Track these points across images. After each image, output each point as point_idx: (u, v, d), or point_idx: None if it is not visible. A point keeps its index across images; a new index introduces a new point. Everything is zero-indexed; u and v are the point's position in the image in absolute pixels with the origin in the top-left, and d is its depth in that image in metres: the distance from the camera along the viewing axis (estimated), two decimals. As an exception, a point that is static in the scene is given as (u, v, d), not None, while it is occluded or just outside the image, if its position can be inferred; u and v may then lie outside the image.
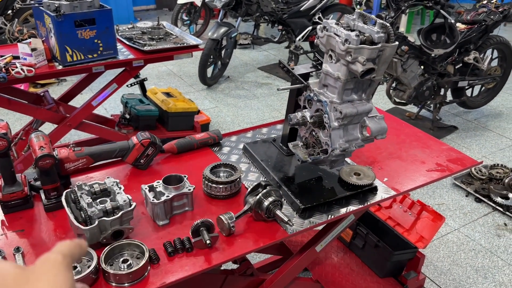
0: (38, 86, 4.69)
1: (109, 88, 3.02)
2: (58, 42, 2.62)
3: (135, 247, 1.30)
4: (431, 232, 2.35)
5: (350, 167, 1.71)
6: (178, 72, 5.46)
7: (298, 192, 1.61)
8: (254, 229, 1.46)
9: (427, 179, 1.77)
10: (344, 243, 2.48)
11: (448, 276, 2.55)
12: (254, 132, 2.09)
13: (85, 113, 3.04)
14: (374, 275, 2.31)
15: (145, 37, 3.23)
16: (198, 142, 1.91)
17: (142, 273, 1.24)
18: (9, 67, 2.53)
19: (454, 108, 4.61)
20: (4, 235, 1.39)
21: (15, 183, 1.45)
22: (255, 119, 4.34)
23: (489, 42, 4.00)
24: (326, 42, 1.33)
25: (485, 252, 2.73)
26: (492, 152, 3.85)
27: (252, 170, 1.79)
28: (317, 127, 1.51)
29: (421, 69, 3.71)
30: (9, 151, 1.39)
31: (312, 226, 1.50)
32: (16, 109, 2.85)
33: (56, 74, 3.04)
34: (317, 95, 1.46)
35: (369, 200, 1.64)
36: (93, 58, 2.77)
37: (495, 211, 3.09)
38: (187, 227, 1.43)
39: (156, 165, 1.79)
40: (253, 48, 6.39)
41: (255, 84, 5.21)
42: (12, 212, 1.46)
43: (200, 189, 1.63)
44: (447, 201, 3.19)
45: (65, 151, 1.56)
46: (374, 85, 1.42)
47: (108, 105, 4.41)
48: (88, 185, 1.40)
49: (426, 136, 2.08)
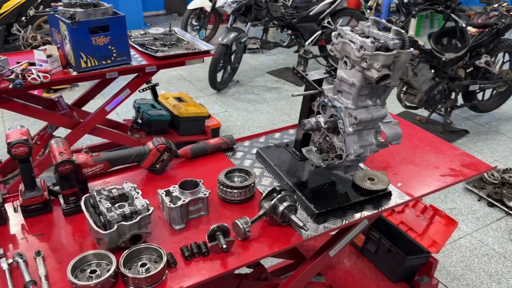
0: (51, 91, 4.75)
1: (122, 94, 3.06)
2: (72, 49, 2.66)
3: (153, 251, 1.32)
4: (444, 236, 2.34)
5: (364, 172, 1.72)
6: (188, 77, 5.50)
7: (312, 197, 1.62)
8: (269, 234, 1.48)
9: (441, 184, 1.77)
10: (356, 248, 2.48)
11: (461, 281, 2.53)
12: (266, 137, 2.11)
13: (98, 118, 3.08)
14: (386, 280, 2.30)
15: (157, 43, 3.27)
16: (212, 147, 1.93)
17: (160, 277, 1.26)
18: (25, 73, 2.58)
19: (465, 112, 4.58)
20: (25, 239, 1.41)
21: (35, 188, 1.48)
22: (265, 123, 4.36)
23: (501, 45, 3.98)
24: (341, 49, 1.35)
25: (499, 257, 2.71)
26: (505, 156, 3.82)
27: (265, 175, 1.81)
28: (331, 133, 1.52)
29: (432, 73, 3.71)
30: (30, 157, 1.42)
31: (326, 231, 1.51)
32: (31, 114, 2.90)
33: (71, 80, 3.09)
34: (332, 101, 1.47)
35: (383, 205, 1.64)
36: (107, 64, 2.81)
37: (508, 215, 3.07)
38: (203, 232, 1.45)
39: (171, 170, 1.81)
40: (262, 53, 6.42)
41: (265, 88, 5.23)
42: (32, 216, 1.49)
43: (214, 194, 1.65)
44: (459, 206, 3.18)
45: (83, 157, 1.59)
46: (388, 91, 1.43)
47: (120, 110, 4.46)
48: (107, 190, 1.42)
49: (439, 141, 2.08)
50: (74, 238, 1.43)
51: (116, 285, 1.25)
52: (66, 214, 1.50)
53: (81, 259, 1.27)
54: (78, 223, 1.48)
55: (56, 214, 1.53)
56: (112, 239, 1.30)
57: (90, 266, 1.27)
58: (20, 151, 1.37)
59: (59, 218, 1.51)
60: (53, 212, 1.53)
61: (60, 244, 1.40)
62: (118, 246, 1.32)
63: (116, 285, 1.25)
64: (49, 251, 1.36)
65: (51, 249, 1.37)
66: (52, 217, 1.51)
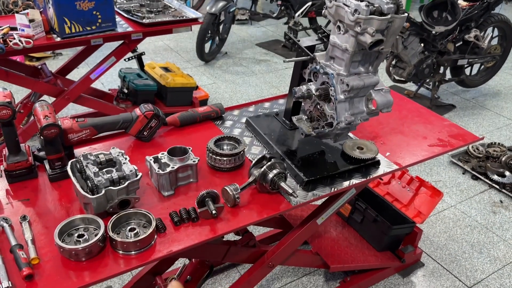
0: (34, 60, 4.62)
1: (108, 62, 2.98)
2: (56, 13, 2.57)
3: (141, 216, 1.31)
4: (429, 207, 2.38)
5: (353, 141, 1.72)
6: (175, 48, 5.40)
7: (301, 165, 1.62)
8: (258, 201, 1.48)
9: (429, 153, 1.78)
10: (343, 218, 2.51)
11: (444, 250, 2.59)
12: (256, 107, 2.09)
13: (83, 86, 3.01)
14: (372, 248, 2.34)
15: (143, 9, 3.18)
16: (201, 115, 1.91)
17: (149, 242, 1.25)
18: (7, 38, 2.49)
19: (452, 87, 4.61)
20: (10, 204, 1.39)
21: (20, 152, 1.44)
22: (253, 96, 4.32)
23: (490, 20, 3.98)
24: (335, 13, 1.32)
25: (481, 228, 2.77)
26: (490, 131, 3.87)
27: (255, 144, 1.80)
28: (322, 100, 1.51)
29: (421, 46, 3.69)
30: (13, 120, 1.38)
31: (315, 198, 1.51)
32: (14, 82, 2.81)
33: (55, 46, 3.00)
34: (324, 68, 1.45)
35: (372, 173, 1.65)
36: (92, 30, 2.72)
37: (491, 188, 3.13)
38: (192, 198, 1.44)
39: (159, 137, 1.79)
40: (251, 24, 6.31)
41: (253, 60, 5.16)
42: (16, 181, 1.47)
43: (204, 162, 1.63)
44: (444, 179, 3.23)
45: (69, 122, 1.55)
46: (381, 57, 1.42)
47: (105, 79, 4.37)
48: (94, 155, 1.40)
49: (428, 112, 2.08)
50: (60, 203, 1.41)
51: (104, 249, 1.24)
52: (52, 179, 1.48)
53: (68, 223, 1.25)
54: (64, 188, 1.46)
55: (41, 180, 1.50)
56: (100, 204, 1.28)
57: (77, 230, 1.26)
58: (3, 114, 1.33)
59: (44, 184, 1.48)
60: (39, 178, 1.50)
61: (46, 210, 1.38)
62: (106, 211, 1.31)
63: (104, 249, 1.24)
64: (35, 216, 1.34)
65: (37, 214, 1.35)
66: (38, 182, 1.49)
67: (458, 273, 2.44)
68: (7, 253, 1.19)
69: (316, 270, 2.42)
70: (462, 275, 2.43)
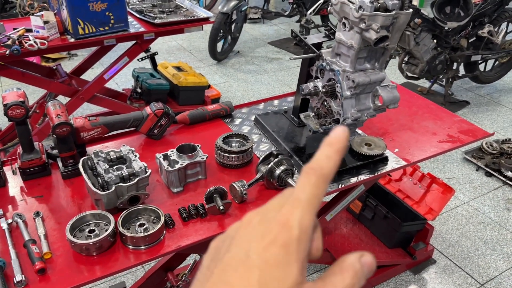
0: (50, 61, 4.71)
1: (121, 62, 3.03)
2: (70, 15, 2.63)
3: (151, 212, 1.34)
4: (440, 204, 2.37)
5: (361, 138, 1.72)
6: (188, 47, 5.44)
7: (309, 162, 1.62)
8: (265, 197, 1.49)
9: (438, 150, 1.78)
10: (353, 215, 2.51)
11: (456, 248, 2.57)
12: (265, 104, 2.10)
13: (97, 86, 3.06)
14: (383, 245, 2.34)
15: (155, 10, 3.22)
16: (210, 113, 1.93)
17: (158, 237, 1.28)
18: (22, 39, 2.55)
19: (466, 83, 4.55)
20: (24, 201, 1.43)
21: (33, 150, 1.49)
22: (265, 94, 4.34)
23: (504, 15, 3.91)
24: (340, 10, 1.33)
25: (494, 225, 2.74)
26: (504, 127, 3.82)
27: (263, 141, 1.81)
28: (329, 97, 1.51)
29: (434, 42, 3.66)
30: (27, 119, 1.42)
31: (323, 194, 1.52)
32: (30, 82, 2.88)
33: (69, 47, 3.06)
34: (330, 64, 1.46)
35: (380, 170, 1.65)
36: (105, 31, 2.77)
37: (505, 185, 3.09)
38: (200, 195, 1.46)
39: (169, 135, 1.82)
40: (263, 23, 6.32)
41: (265, 59, 5.18)
42: (30, 179, 1.51)
43: (212, 159, 1.66)
44: (457, 175, 3.20)
45: (81, 120, 1.59)
46: (387, 53, 1.42)
47: (120, 79, 4.43)
48: (105, 152, 1.43)
49: (438, 108, 2.07)
50: (72, 200, 1.44)
51: (115, 244, 1.28)
52: (64, 176, 1.52)
53: (80, 219, 1.29)
54: (76, 185, 1.50)
55: (54, 177, 1.54)
56: (110, 200, 1.32)
57: (88, 226, 1.29)
58: (16, 113, 1.38)
59: (57, 181, 1.52)
60: (52, 175, 1.55)
61: (59, 206, 1.42)
62: (117, 207, 1.34)
63: (114, 244, 1.27)
64: (48, 212, 1.38)
65: (50, 210, 1.39)
66: (51, 179, 1.53)
67: (471, 270, 2.42)
68: (21, 247, 1.23)
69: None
70: (475, 272, 2.41)
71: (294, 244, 0.35)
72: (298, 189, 0.38)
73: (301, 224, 0.36)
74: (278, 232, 0.35)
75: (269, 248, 0.35)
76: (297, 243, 0.35)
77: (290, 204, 0.37)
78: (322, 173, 0.38)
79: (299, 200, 0.37)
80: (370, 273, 0.37)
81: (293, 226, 0.35)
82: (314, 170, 0.38)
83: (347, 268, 0.36)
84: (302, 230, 0.36)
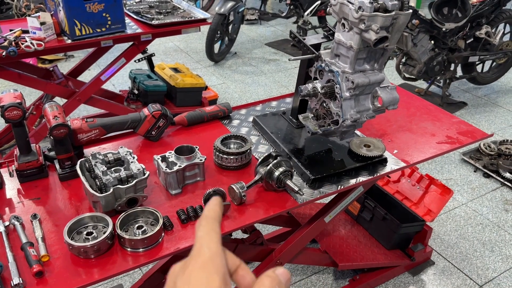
0: (46, 62, 4.69)
1: (118, 63, 3.02)
2: (66, 16, 2.61)
3: (149, 214, 1.33)
4: (439, 205, 2.37)
5: (360, 139, 1.72)
6: (185, 48, 5.43)
7: (308, 163, 1.62)
8: (264, 199, 1.48)
9: (437, 151, 1.77)
10: (352, 216, 2.50)
11: (455, 249, 2.57)
12: (263, 106, 2.09)
13: (94, 87, 3.04)
14: (381, 247, 2.34)
15: (152, 11, 3.21)
16: (208, 114, 1.92)
17: (157, 239, 1.27)
18: (19, 41, 2.53)
19: (463, 84, 4.56)
20: (21, 203, 1.42)
21: (30, 152, 1.47)
22: (262, 96, 4.33)
23: (502, 16, 3.93)
24: (339, 10, 1.32)
25: (493, 226, 2.74)
26: (502, 128, 3.82)
27: (262, 142, 1.81)
28: (328, 98, 1.51)
29: (432, 43, 3.67)
30: (24, 121, 1.41)
31: (321, 196, 1.52)
32: (26, 83, 2.87)
33: (65, 48, 3.04)
34: (329, 65, 1.46)
35: (379, 171, 1.65)
36: (102, 32, 2.76)
37: (503, 186, 3.10)
38: (199, 196, 1.45)
39: (167, 137, 1.81)
40: (260, 24, 6.32)
41: (263, 60, 5.17)
42: (27, 181, 1.49)
43: (211, 161, 1.65)
44: (455, 177, 3.20)
45: (78, 122, 1.58)
46: (386, 54, 1.41)
47: (116, 80, 4.41)
48: (102, 154, 1.42)
49: (436, 109, 2.07)
50: (70, 202, 1.43)
51: (113, 247, 1.26)
52: (62, 178, 1.50)
53: (78, 221, 1.27)
54: (74, 187, 1.49)
55: (52, 179, 1.53)
56: (108, 202, 1.30)
57: (86, 228, 1.28)
58: (13, 115, 1.36)
59: (55, 183, 1.51)
60: (49, 177, 1.53)
61: (56, 208, 1.40)
62: (115, 209, 1.33)
63: (112, 247, 1.26)
64: (45, 215, 1.37)
65: (47, 212, 1.38)
66: (48, 182, 1.52)
67: (469, 272, 2.42)
68: (18, 250, 1.22)
69: (325, 269, 2.42)
70: (473, 274, 2.41)
71: (209, 262, 0.44)
72: (197, 230, 0.49)
73: (209, 248, 0.45)
74: (194, 260, 0.44)
75: (191, 274, 0.43)
76: (211, 261, 0.44)
77: (196, 244, 0.47)
78: (209, 216, 0.50)
79: (200, 237, 0.47)
80: (287, 281, 0.46)
81: (203, 251, 0.45)
82: (205, 216, 0.50)
83: (264, 277, 0.45)
84: (212, 251, 0.45)
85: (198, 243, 0.47)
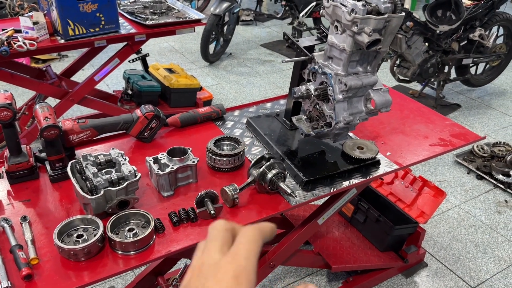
0: (40, 62, 4.66)
1: (111, 63, 3.00)
2: (59, 16, 2.59)
3: (140, 217, 1.32)
4: (432, 207, 2.37)
5: (353, 141, 1.72)
6: (180, 49, 5.42)
7: (301, 165, 1.62)
8: (257, 201, 1.48)
9: (430, 153, 1.78)
10: (345, 218, 2.50)
11: (448, 251, 2.58)
12: (257, 107, 2.09)
13: (87, 88, 3.03)
14: (374, 249, 2.34)
15: (147, 11, 3.19)
16: (202, 116, 1.92)
17: (148, 242, 1.26)
18: (11, 40, 2.51)
19: (457, 86, 4.58)
20: (11, 205, 1.40)
21: (21, 154, 1.46)
22: (257, 97, 4.33)
23: (495, 19, 3.95)
24: (332, 13, 1.32)
25: (485, 228, 2.75)
26: (495, 130, 3.84)
27: (255, 144, 1.80)
28: (321, 100, 1.50)
29: (426, 46, 3.68)
30: (15, 122, 1.40)
31: (315, 198, 1.51)
32: (19, 83, 2.84)
33: (58, 48, 3.02)
34: (322, 67, 1.45)
35: (372, 173, 1.65)
36: (95, 32, 2.74)
37: (496, 188, 3.11)
38: (191, 198, 1.44)
39: (160, 138, 1.80)
40: (255, 25, 6.32)
41: (258, 61, 5.17)
42: (18, 182, 1.48)
43: (204, 162, 1.64)
44: (449, 178, 3.21)
45: (70, 123, 1.56)
46: (379, 57, 1.41)
47: (110, 81, 4.39)
48: (93, 156, 1.41)
49: (429, 111, 2.07)
50: (61, 204, 1.42)
51: (104, 249, 1.25)
52: (52, 180, 1.49)
53: (68, 224, 1.26)
54: (65, 189, 1.47)
55: (42, 181, 1.51)
56: (99, 204, 1.29)
57: (77, 231, 1.27)
58: (3, 116, 1.35)
59: (46, 185, 1.50)
60: (40, 179, 1.52)
61: (46, 210, 1.39)
62: (106, 211, 1.32)
63: (103, 249, 1.25)
64: (35, 217, 1.35)
65: (37, 214, 1.37)
66: (39, 183, 1.50)
67: (462, 273, 2.43)
68: (7, 253, 1.21)
69: (319, 271, 2.42)
70: (466, 275, 2.42)
71: (243, 274, 0.43)
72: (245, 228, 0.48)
73: (247, 258, 0.45)
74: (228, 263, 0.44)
75: (222, 279, 0.42)
76: (245, 274, 0.43)
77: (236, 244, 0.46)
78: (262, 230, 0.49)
79: (244, 240, 0.46)
80: None
81: (240, 258, 0.44)
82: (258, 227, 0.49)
83: None
84: (249, 263, 0.44)
85: (240, 243, 0.46)
